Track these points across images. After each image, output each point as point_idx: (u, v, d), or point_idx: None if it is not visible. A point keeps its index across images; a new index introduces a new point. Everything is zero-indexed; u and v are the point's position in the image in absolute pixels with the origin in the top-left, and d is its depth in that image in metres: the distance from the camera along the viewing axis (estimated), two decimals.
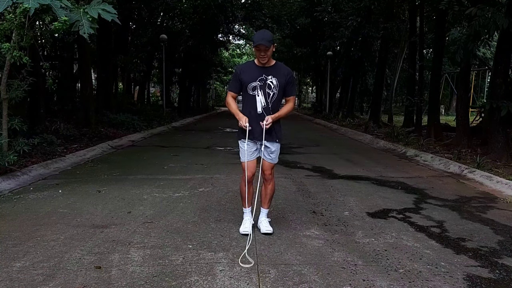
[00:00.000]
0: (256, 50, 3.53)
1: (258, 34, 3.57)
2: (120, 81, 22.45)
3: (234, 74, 3.73)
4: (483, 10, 7.32)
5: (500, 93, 8.09)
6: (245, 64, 3.82)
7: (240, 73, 3.67)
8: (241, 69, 3.75)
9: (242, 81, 3.63)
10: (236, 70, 3.78)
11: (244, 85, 3.62)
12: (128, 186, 5.60)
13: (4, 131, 5.74)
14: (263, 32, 3.62)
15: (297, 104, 46.69)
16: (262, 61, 3.58)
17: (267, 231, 3.73)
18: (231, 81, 3.80)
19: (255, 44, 3.50)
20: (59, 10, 5.28)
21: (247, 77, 3.63)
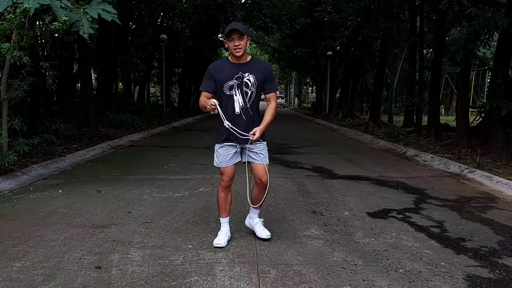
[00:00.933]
0: (229, 41, 3.26)
1: (229, 25, 3.34)
2: (120, 81, 22.45)
3: (208, 73, 3.38)
4: (483, 10, 7.32)
5: (500, 93, 8.09)
6: (219, 62, 3.48)
7: (214, 71, 3.36)
8: (215, 67, 3.40)
9: (217, 80, 3.33)
10: (209, 69, 3.40)
11: (220, 84, 3.33)
12: (128, 186, 5.60)
13: (4, 131, 5.74)
14: (234, 22, 3.48)
15: (297, 104, 46.73)
16: (237, 54, 3.27)
17: (267, 236, 3.55)
18: (203, 81, 3.41)
19: (227, 33, 3.26)
20: (59, 10, 5.29)
21: (222, 75, 3.33)
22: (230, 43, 3.28)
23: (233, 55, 3.34)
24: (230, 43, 3.27)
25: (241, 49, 3.26)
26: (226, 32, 3.30)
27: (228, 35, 3.27)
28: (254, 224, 3.70)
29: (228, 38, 3.27)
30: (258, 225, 3.68)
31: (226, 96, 3.35)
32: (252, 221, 3.72)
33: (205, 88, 3.37)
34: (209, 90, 3.36)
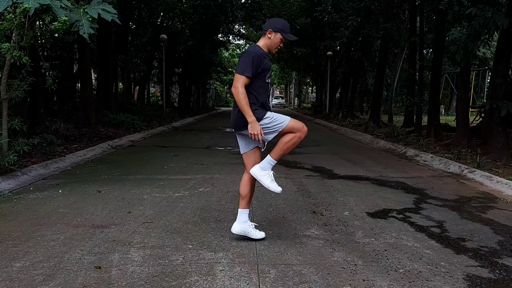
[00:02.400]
0: (280, 41, 3.38)
1: (288, 26, 3.37)
2: (120, 81, 22.47)
3: (254, 58, 3.25)
4: (483, 10, 7.32)
5: (500, 93, 8.09)
6: (259, 49, 3.38)
7: (260, 58, 3.29)
8: (260, 53, 3.33)
9: (263, 67, 3.29)
10: (256, 54, 3.28)
11: (264, 72, 3.32)
12: (128, 186, 5.60)
13: (4, 131, 5.74)
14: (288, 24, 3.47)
15: (297, 104, 46.77)
16: (274, 52, 3.43)
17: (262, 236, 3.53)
18: (245, 63, 3.25)
19: (293, 39, 3.37)
20: (59, 10, 5.29)
21: (267, 63, 3.35)
22: (279, 42, 3.40)
23: (269, 48, 3.41)
24: (280, 42, 3.39)
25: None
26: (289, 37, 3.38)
27: (284, 39, 3.38)
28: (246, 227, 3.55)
29: (283, 39, 3.38)
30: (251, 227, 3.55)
31: (265, 84, 3.38)
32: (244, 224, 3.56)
33: (249, 73, 3.23)
34: (253, 75, 3.27)
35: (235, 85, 3.25)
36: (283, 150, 3.34)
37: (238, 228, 3.54)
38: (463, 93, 10.07)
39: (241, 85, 3.23)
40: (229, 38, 30.47)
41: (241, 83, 3.23)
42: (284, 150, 3.34)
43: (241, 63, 3.29)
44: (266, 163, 3.38)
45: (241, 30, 30.83)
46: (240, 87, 3.23)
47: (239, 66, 3.29)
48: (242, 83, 3.24)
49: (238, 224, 3.54)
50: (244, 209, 3.52)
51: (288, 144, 3.31)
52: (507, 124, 8.25)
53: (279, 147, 3.33)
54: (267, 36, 3.39)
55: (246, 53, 3.33)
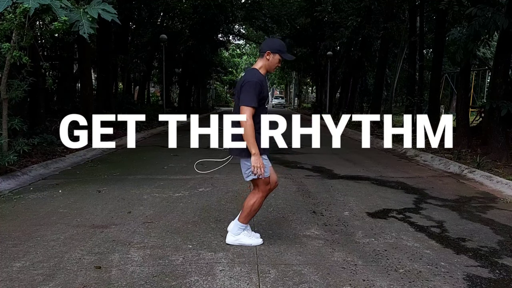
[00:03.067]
0: (279, 62, 3.34)
1: (285, 45, 3.36)
2: (120, 81, 22.47)
3: (258, 89, 3.20)
4: (483, 10, 7.32)
5: (500, 93, 8.09)
6: (260, 76, 3.31)
7: (262, 86, 3.25)
8: (262, 80, 3.27)
9: (263, 95, 3.26)
10: (258, 84, 3.22)
11: (264, 98, 3.28)
12: (128, 186, 5.60)
13: (4, 131, 5.74)
14: (284, 43, 3.45)
15: (297, 104, 46.74)
16: (272, 71, 3.41)
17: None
18: (251, 94, 3.17)
19: (291, 58, 3.38)
20: (59, 10, 5.29)
21: (266, 90, 3.30)
22: (278, 63, 3.36)
23: (267, 69, 3.37)
24: (278, 63, 3.36)
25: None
26: (288, 57, 3.37)
27: (289, 59, 3.39)
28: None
29: (281, 59, 3.35)
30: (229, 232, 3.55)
31: (263, 108, 3.34)
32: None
33: (256, 103, 3.19)
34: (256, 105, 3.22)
35: (245, 117, 3.15)
36: (251, 213, 3.43)
37: (231, 239, 3.56)
38: (463, 93, 10.07)
39: (249, 117, 3.16)
40: (229, 38, 30.49)
41: (249, 115, 3.16)
42: (251, 213, 3.44)
43: (246, 94, 3.19)
44: (237, 229, 3.47)
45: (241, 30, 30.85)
46: (249, 119, 3.16)
47: (244, 97, 3.19)
48: (250, 114, 3.16)
49: (234, 224, 3.58)
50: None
51: (254, 206, 3.40)
52: (507, 124, 8.25)
53: (246, 211, 3.40)
54: (265, 57, 3.31)
55: (249, 83, 3.21)
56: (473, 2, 8.28)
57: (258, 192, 3.38)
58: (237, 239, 3.46)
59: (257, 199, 3.38)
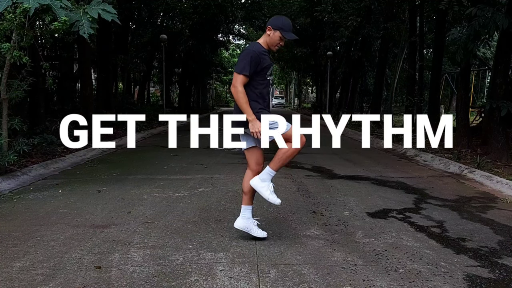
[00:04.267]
0: (280, 39, 3.31)
1: (291, 25, 3.32)
2: (120, 81, 22.47)
3: (253, 57, 3.22)
4: (483, 10, 7.32)
5: (500, 93, 8.09)
6: (259, 46, 3.34)
7: (260, 55, 3.26)
8: (260, 51, 3.29)
9: (263, 65, 3.27)
10: (254, 52, 3.25)
11: (264, 69, 3.29)
12: (128, 186, 5.60)
13: (4, 131, 5.74)
14: (291, 23, 3.39)
15: (297, 104, 46.76)
16: (274, 50, 3.39)
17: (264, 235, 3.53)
18: (244, 62, 3.22)
19: (292, 38, 3.33)
20: (59, 10, 5.28)
21: (266, 60, 3.31)
22: (279, 40, 3.33)
23: (268, 45, 3.36)
24: (280, 41, 3.33)
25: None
26: (289, 36, 3.31)
27: (289, 38, 3.34)
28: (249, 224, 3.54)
29: (282, 37, 3.31)
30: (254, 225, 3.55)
31: (266, 82, 3.36)
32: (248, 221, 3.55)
33: (247, 71, 3.21)
34: (251, 73, 3.25)
35: (234, 84, 3.26)
36: (282, 161, 3.36)
37: (241, 223, 3.54)
38: (463, 93, 10.07)
39: (240, 84, 3.23)
40: (229, 38, 30.50)
41: (240, 82, 3.23)
42: (283, 161, 3.36)
43: (239, 61, 3.28)
44: (265, 174, 3.39)
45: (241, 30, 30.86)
46: (239, 86, 3.23)
47: (237, 64, 3.29)
48: (241, 82, 3.24)
49: (241, 220, 3.55)
50: (247, 205, 3.53)
51: (286, 154, 3.33)
52: (507, 124, 8.25)
53: (278, 158, 3.35)
54: (267, 33, 3.36)
55: (245, 52, 3.32)
56: (473, 2, 8.28)
57: (290, 145, 3.31)
58: (262, 186, 3.36)
59: (291, 149, 3.30)
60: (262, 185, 3.37)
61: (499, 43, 8.66)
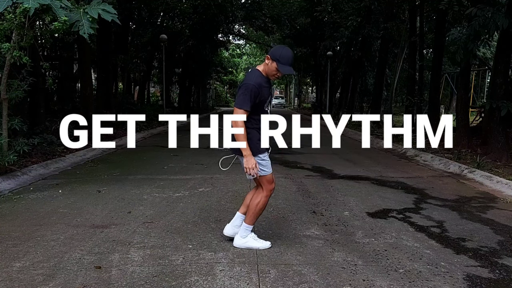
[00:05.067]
0: (277, 71, 3.23)
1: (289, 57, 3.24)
2: (120, 81, 22.47)
3: (254, 92, 3.16)
4: (483, 10, 7.32)
5: (500, 93, 8.09)
6: (259, 78, 3.27)
7: (259, 89, 3.20)
8: (260, 84, 3.22)
9: (262, 97, 3.23)
10: (255, 87, 3.18)
11: (263, 101, 3.25)
12: (128, 186, 5.60)
13: (4, 131, 5.74)
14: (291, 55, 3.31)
15: (297, 104, 46.75)
16: (273, 79, 3.33)
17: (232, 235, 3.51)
18: (245, 97, 3.15)
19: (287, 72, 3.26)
20: (59, 10, 5.29)
21: (266, 93, 3.26)
22: (275, 71, 3.24)
23: (268, 74, 3.29)
24: (276, 72, 3.24)
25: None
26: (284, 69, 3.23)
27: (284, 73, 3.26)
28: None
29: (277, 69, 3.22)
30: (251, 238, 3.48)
31: (263, 110, 3.31)
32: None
33: (249, 106, 3.16)
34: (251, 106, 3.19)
35: (236, 119, 3.17)
36: (256, 213, 3.39)
37: (230, 230, 3.54)
38: (463, 93, 10.07)
39: (241, 120, 3.17)
40: (229, 38, 30.48)
41: (241, 117, 3.17)
42: (257, 213, 3.39)
43: (240, 95, 3.20)
44: (243, 231, 3.43)
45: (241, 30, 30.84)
46: (241, 122, 3.17)
47: (238, 99, 3.21)
48: (242, 116, 3.17)
49: (230, 227, 3.54)
50: (243, 214, 3.51)
51: (259, 206, 3.36)
52: (507, 124, 8.25)
53: (251, 211, 3.37)
54: (265, 61, 3.28)
55: (246, 85, 3.20)
56: (473, 2, 8.28)
57: (262, 191, 3.37)
58: (245, 241, 3.41)
59: (262, 198, 3.36)
60: (245, 241, 3.42)
61: (499, 43, 8.65)
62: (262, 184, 3.36)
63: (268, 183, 3.34)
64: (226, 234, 3.55)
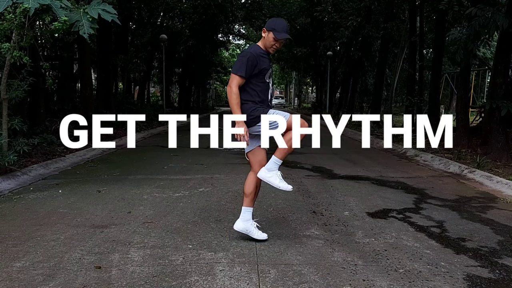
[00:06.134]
0: (276, 41, 3.31)
1: (284, 25, 3.32)
2: (120, 81, 22.47)
3: (250, 58, 3.25)
4: (483, 10, 7.32)
5: (500, 93, 8.09)
6: (257, 48, 3.38)
7: (257, 57, 3.28)
8: (257, 53, 3.32)
9: (260, 67, 3.28)
10: (252, 54, 3.28)
11: (262, 71, 3.30)
12: (128, 186, 5.60)
13: (4, 131, 5.74)
14: (286, 24, 3.40)
15: (297, 104, 46.76)
16: (272, 52, 3.39)
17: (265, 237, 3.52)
18: (240, 63, 3.25)
19: (284, 37, 3.31)
20: (59, 10, 5.28)
21: (265, 63, 3.33)
22: (276, 42, 3.33)
23: (266, 47, 3.37)
24: (276, 42, 3.33)
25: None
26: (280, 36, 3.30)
27: (280, 38, 3.31)
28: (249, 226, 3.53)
29: (279, 39, 3.32)
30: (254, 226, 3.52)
31: (265, 84, 3.37)
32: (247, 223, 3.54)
33: (245, 72, 3.23)
34: (246, 75, 3.27)
35: (230, 84, 3.29)
36: (287, 148, 3.34)
37: (241, 225, 3.52)
38: (463, 93, 10.07)
39: (235, 85, 3.26)
40: (229, 38, 30.50)
41: (235, 83, 3.25)
42: (288, 148, 3.34)
43: (236, 62, 3.33)
44: (272, 164, 3.39)
45: (241, 30, 30.86)
46: (234, 87, 3.25)
47: (234, 65, 3.32)
48: (236, 83, 3.26)
49: (241, 222, 3.53)
50: (248, 207, 3.51)
51: (290, 141, 3.31)
52: (507, 124, 8.25)
53: (286, 145, 3.33)
54: (263, 35, 3.40)
55: (243, 53, 3.36)
56: (473, 2, 8.28)
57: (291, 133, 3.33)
58: (270, 176, 3.36)
59: (292, 136, 3.30)
60: (270, 174, 3.37)
61: (499, 43, 8.65)
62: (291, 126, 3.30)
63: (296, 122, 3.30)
64: (237, 228, 3.54)
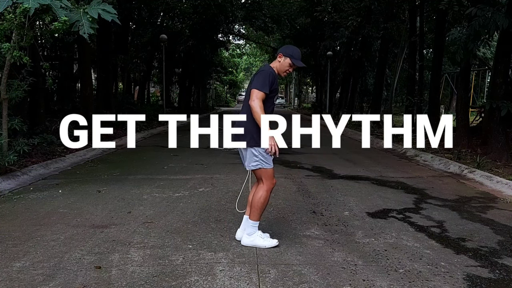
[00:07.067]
0: (290, 66, 3.45)
1: (300, 53, 3.50)
2: (120, 81, 22.46)
3: (271, 75, 3.37)
4: (483, 10, 7.32)
5: (500, 93, 8.09)
6: (274, 71, 3.48)
7: (274, 80, 3.41)
8: (275, 76, 3.44)
9: (275, 87, 3.40)
10: (273, 75, 3.40)
11: (273, 91, 3.41)
12: (128, 186, 5.60)
13: (4, 131, 5.74)
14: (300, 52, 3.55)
15: (297, 104, 46.74)
16: (283, 75, 3.54)
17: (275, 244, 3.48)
18: (264, 81, 3.32)
19: (300, 65, 3.44)
20: (59, 10, 5.29)
21: (277, 83, 3.47)
22: (290, 68, 3.47)
23: (279, 71, 3.49)
24: (288, 67, 3.47)
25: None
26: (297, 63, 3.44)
27: (293, 65, 3.44)
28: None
29: (292, 64, 3.45)
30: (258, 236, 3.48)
31: (272, 103, 3.49)
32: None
33: (268, 89, 3.34)
34: (269, 92, 3.36)
35: (254, 99, 3.27)
36: (260, 208, 3.41)
37: (241, 234, 3.56)
38: (463, 93, 10.07)
39: (260, 100, 3.29)
40: (229, 38, 30.48)
41: (260, 98, 3.29)
42: (260, 208, 3.41)
43: (260, 79, 3.35)
44: (250, 228, 3.45)
45: (241, 30, 30.85)
46: (259, 101, 3.28)
47: (257, 82, 3.34)
48: (261, 98, 3.30)
49: (241, 231, 3.57)
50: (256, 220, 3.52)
51: (261, 200, 3.39)
52: (507, 124, 8.25)
53: (255, 207, 3.40)
54: (277, 59, 3.48)
55: (264, 71, 3.40)
56: (473, 2, 8.28)
57: (263, 185, 3.41)
58: (252, 240, 3.43)
59: (263, 193, 3.39)
60: (252, 238, 3.44)
61: (499, 43, 8.66)
62: (263, 178, 3.40)
63: (270, 177, 3.41)
64: (238, 238, 3.57)
